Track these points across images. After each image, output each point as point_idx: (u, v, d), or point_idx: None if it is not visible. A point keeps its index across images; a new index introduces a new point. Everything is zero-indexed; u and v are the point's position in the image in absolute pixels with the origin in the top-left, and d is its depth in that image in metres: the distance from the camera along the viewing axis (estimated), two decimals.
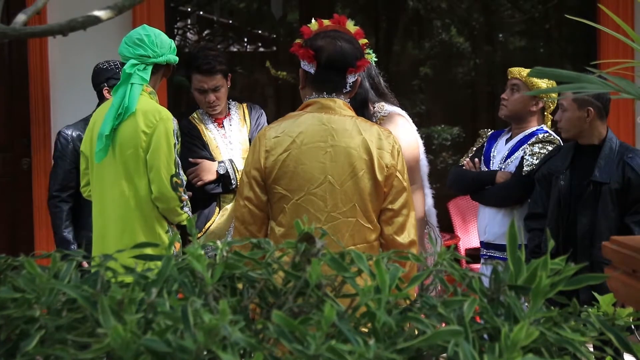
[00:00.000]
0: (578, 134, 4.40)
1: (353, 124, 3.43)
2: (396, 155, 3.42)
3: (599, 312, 1.82)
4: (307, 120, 3.46)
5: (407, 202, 3.44)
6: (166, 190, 4.04)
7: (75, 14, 2.07)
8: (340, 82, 3.48)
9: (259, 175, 3.46)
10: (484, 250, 4.88)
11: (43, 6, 2.03)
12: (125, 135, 4.06)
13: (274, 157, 3.43)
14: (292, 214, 3.40)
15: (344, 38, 3.52)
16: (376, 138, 3.41)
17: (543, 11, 9.86)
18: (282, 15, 9.76)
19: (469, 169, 4.92)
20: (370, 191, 3.39)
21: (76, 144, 4.91)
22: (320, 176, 3.39)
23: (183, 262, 1.67)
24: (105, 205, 4.13)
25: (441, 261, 1.72)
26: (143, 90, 4.12)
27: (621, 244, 2.31)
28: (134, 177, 4.07)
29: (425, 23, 10.24)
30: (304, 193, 3.40)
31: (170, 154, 4.05)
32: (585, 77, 2.18)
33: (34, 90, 6.34)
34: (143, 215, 4.07)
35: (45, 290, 1.57)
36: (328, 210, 3.38)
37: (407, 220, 3.44)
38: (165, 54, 4.16)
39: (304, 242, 1.68)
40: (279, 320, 1.42)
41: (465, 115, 9.82)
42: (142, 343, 1.38)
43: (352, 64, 3.47)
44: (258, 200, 3.48)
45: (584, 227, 4.25)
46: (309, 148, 3.41)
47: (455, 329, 1.46)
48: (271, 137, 3.47)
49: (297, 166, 3.40)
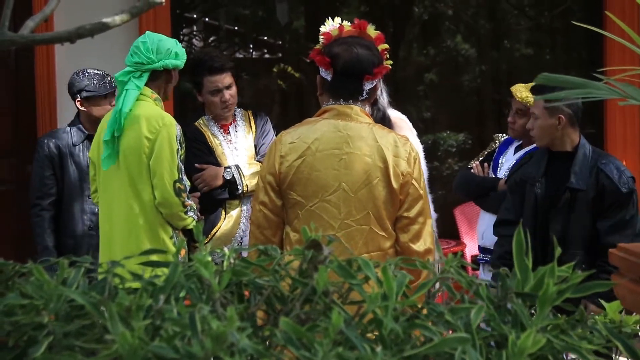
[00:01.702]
0: (551, 142, 4.35)
1: (369, 131, 3.41)
2: (412, 163, 3.40)
3: (606, 319, 1.82)
4: (323, 127, 3.45)
5: (424, 209, 3.42)
6: (169, 195, 4.05)
7: (82, 20, 2.08)
8: (356, 89, 3.47)
9: (274, 180, 3.46)
10: (481, 255, 4.89)
11: (51, 13, 2.03)
12: (129, 141, 4.08)
13: (288, 163, 3.43)
14: (305, 220, 3.39)
15: (361, 44, 3.51)
16: (392, 145, 3.39)
17: (549, 18, 9.86)
18: (287, 22, 9.77)
19: (478, 172, 4.93)
20: (384, 199, 3.37)
21: (52, 151, 4.93)
22: (335, 183, 3.38)
23: (190, 269, 1.67)
24: (112, 211, 4.15)
25: (448, 268, 1.72)
26: (147, 97, 4.14)
27: (628, 251, 2.31)
28: (138, 183, 4.08)
29: (431, 29, 10.23)
30: (318, 200, 3.39)
31: (173, 159, 4.06)
32: (592, 84, 2.18)
33: (40, 97, 6.34)
34: (147, 221, 4.09)
35: (53, 296, 1.57)
36: (342, 218, 3.37)
37: (423, 228, 3.41)
38: (162, 60, 4.15)
39: (311, 249, 1.69)
40: (287, 327, 1.43)
41: (471, 121, 9.81)
42: (149, 349, 1.38)
43: (368, 70, 3.45)
44: (273, 205, 3.48)
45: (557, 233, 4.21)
46: (323, 155, 3.40)
47: (463, 336, 1.46)
48: (287, 143, 3.47)
49: (312, 173, 3.40)
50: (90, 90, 4.92)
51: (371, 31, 3.58)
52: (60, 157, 4.95)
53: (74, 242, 4.91)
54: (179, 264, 1.63)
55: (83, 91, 4.92)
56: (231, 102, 4.94)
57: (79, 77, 4.97)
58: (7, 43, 1.86)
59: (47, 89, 6.33)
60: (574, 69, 8.92)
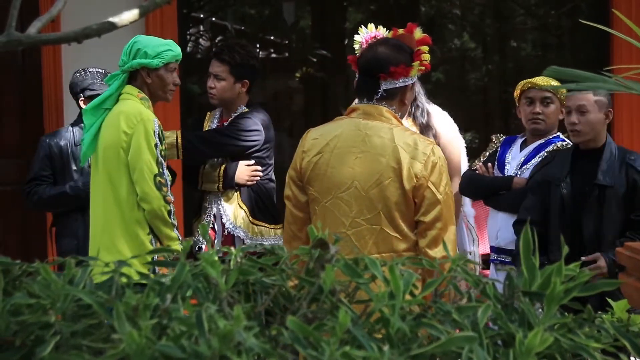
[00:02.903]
0: (595, 137, 4.35)
1: (388, 131, 3.40)
2: (430, 167, 3.36)
3: (613, 318, 1.81)
4: (345, 125, 3.48)
5: (442, 215, 3.37)
6: (149, 189, 4.05)
7: (89, 21, 2.08)
8: (371, 88, 3.46)
9: (296, 175, 3.52)
10: (494, 255, 4.85)
11: (58, 13, 2.04)
12: (107, 136, 4.14)
13: (308, 158, 3.47)
14: (321, 216, 3.44)
15: (388, 44, 3.52)
16: (411, 147, 3.37)
17: (556, 17, 9.85)
18: (294, 22, 9.77)
19: (482, 173, 4.91)
20: (397, 200, 3.36)
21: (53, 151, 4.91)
22: (348, 181, 3.39)
23: (197, 268, 1.67)
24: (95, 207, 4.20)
25: (455, 267, 1.72)
26: (134, 96, 4.18)
27: (635, 250, 2.30)
28: (115, 178, 4.12)
29: (438, 29, 10.23)
30: (332, 197, 3.42)
31: (152, 153, 4.08)
32: (600, 77, 2.18)
33: (47, 97, 6.35)
34: (122, 216, 4.11)
35: (60, 296, 1.57)
36: (352, 216, 3.38)
37: (442, 234, 3.37)
38: (130, 61, 4.19)
39: (318, 248, 1.69)
40: (293, 326, 1.43)
41: (478, 120, 9.80)
42: (157, 349, 1.38)
43: (383, 69, 3.43)
44: (296, 200, 3.54)
45: (590, 232, 4.22)
46: (340, 152, 3.42)
47: (470, 335, 1.46)
48: (311, 139, 3.52)
49: (328, 169, 3.43)
50: (94, 89, 4.91)
51: (417, 33, 3.57)
52: (62, 157, 4.94)
53: (77, 242, 4.89)
54: (186, 264, 1.63)
55: (87, 90, 4.92)
56: (212, 92, 4.93)
57: (82, 75, 4.97)
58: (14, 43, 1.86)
59: (53, 89, 6.34)
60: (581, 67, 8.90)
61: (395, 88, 3.48)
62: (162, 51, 4.24)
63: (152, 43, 4.25)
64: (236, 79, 4.90)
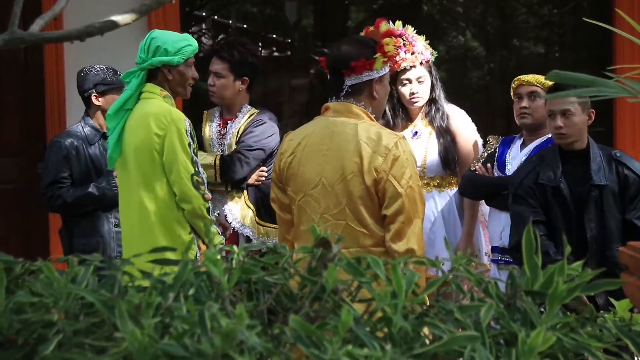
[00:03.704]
0: (580, 139, 4.35)
1: (353, 127, 3.44)
2: (391, 160, 3.38)
3: (616, 317, 1.81)
4: (316, 124, 3.55)
5: (405, 208, 3.38)
6: (188, 189, 4.03)
7: (92, 19, 2.08)
8: (338, 85, 3.51)
9: (277, 178, 3.59)
10: (498, 255, 4.84)
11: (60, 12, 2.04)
12: (138, 139, 4.06)
13: (284, 159, 3.54)
14: (297, 215, 3.52)
15: (351, 41, 3.60)
16: (374, 142, 3.40)
17: (558, 16, 9.84)
18: (296, 20, 9.77)
19: (482, 174, 4.90)
20: (361, 194, 3.39)
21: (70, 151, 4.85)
22: (316, 178, 3.45)
23: (199, 267, 1.67)
24: (128, 210, 4.15)
25: (457, 266, 1.72)
26: (157, 95, 4.12)
27: (637, 249, 2.30)
28: (151, 181, 4.06)
29: (440, 27, 10.23)
30: (303, 194, 3.48)
31: (187, 153, 4.04)
32: (602, 81, 2.18)
33: (49, 95, 6.35)
34: (161, 218, 4.07)
35: (62, 294, 1.57)
36: (321, 212, 3.44)
37: (405, 227, 3.38)
38: (150, 58, 4.11)
39: (320, 247, 1.69)
40: (296, 325, 1.43)
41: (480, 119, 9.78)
42: (159, 347, 1.38)
43: (345, 65, 3.46)
44: (280, 202, 3.61)
45: (592, 231, 4.22)
46: (310, 150, 3.48)
47: (472, 334, 1.46)
48: (287, 140, 3.59)
49: (299, 168, 3.49)
50: (108, 83, 4.90)
51: (382, 27, 3.60)
52: (78, 157, 4.90)
53: (101, 240, 4.86)
54: (189, 262, 1.63)
55: (100, 85, 4.89)
56: (213, 90, 4.96)
57: (92, 72, 4.95)
58: (17, 41, 1.87)
59: (56, 88, 6.34)
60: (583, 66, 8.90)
61: (360, 83, 3.50)
62: (182, 47, 4.18)
63: (170, 39, 4.18)
64: (236, 76, 4.91)
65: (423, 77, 4.86)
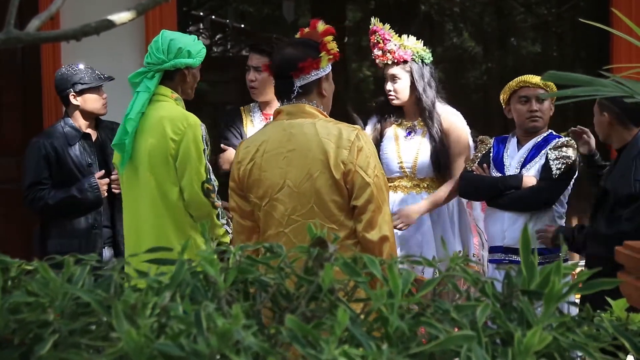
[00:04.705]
0: (606, 138, 4.46)
1: (311, 126, 3.47)
2: (355, 151, 3.42)
3: (612, 317, 1.81)
4: (271, 129, 3.57)
5: (374, 197, 3.43)
6: (197, 196, 4.01)
7: (89, 18, 2.07)
8: (287, 88, 3.54)
9: (236, 186, 3.59)
10: (502, 255, 4.83)
11: (57, 11, 2.03)
12: (153, 143, 4.03)
13: (243, 167, 3.54)
14: (263, 220, 3.53)
15: (294, 43, 3.62)
16: (335, 136, 3.43)
17: (556, 15, 9.84)
18: (293, 19, 9.77)
19: (480, 174, 4.89)
20: (328, 191, 3.42)
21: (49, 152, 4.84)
22: (280, 181, 3.46)
23: (196, 267, 1.67)
24: (138, 214, 4.11)
25: (454, 265, 1.72)
26: (168, 97, 4.10)
27: (634, 249, 2.30)
28: (165, 185, 4.03)
29: (438, 27, 10.23)
30: (268, 199, 3.49)
31: (200, 160, 4.02)
32: (598, 81, 2.18)
33: (47, 95, 6.35)
34: (175, 222, 4.04)
35: (59, 294, 1.57)
36: (288, 214, 3.45)
37: (377, 215, 3.43)
38: (172, 60, 4.09)
39: (316, 246, 1.69)
40: (292, 324, 1.42)
41: (478, 119, 9.79)
42: (155, 347, 1.38)
43: (293, 68, 3.51)
44: (241, 210, 3.61)
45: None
46: (270, 155, 3.49)
47: (468, 334, 1.46)
48: (243, 148, 3.60)
49: (261, 174, 3.50)
50: (86, 82, 4.88)
51: (320, 27, 3.62)
52: (58, 157, 4.88)
53: (78, 242, 4.85)
54: (185, 262, 1.63)
55: (77, 84, 4.87)
56: (254, 85, 4.97)
57: (70, 70, 4.93)
58: (13, 41, 1.86)
59: (53, 87, 6.33)
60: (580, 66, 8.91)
61: (310, 83, 3.55)
62: (200, 49, 4.22)
63: (189, 41, 4.19)
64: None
65: (399, 76, 4.88)
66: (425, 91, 4.88)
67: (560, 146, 4.73)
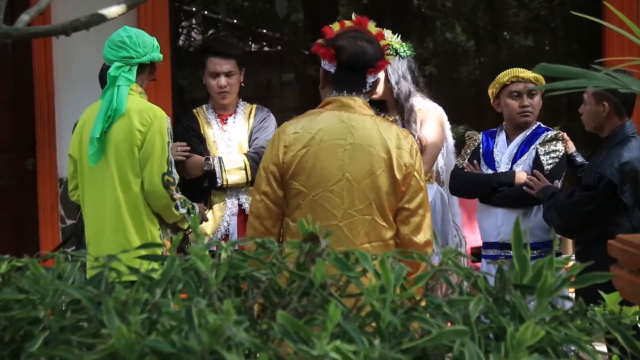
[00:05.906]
0: (597, 128, 4.49)
1: (373, 123, 3.46)
2: (414, 155, 3.46)
3: (605, 311, 1.81)
4: (327, 118, 3.49)
5: (424, 202, 3.48)
6: (157, 187, 4.05)
7: (80, 13, 2.06)
8: (360, 81, 3.52)
9: (277, 171, 3.49)
10: (496, 251, 4.82)
11: (46, 6, 2.02)
12: (119, 135, 4.07)
13: (292, 153, 3.46)
14: (308, 210, 3.42)
15: (364, 38, 3.56)
16: (395, 137, 3.45)
17: (548, 9, 9.84)
18: (286, 15, 9.75)
19: (471, 171, 4.87)
20: (387, 189, 3.42)
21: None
22: (339, 173, 3.42)
23: (187, 262, 1.66)
24: (102, 206, 4.13)
25: (446, 260, 1.71)
26: (133, 91, 4.13)
27: (627, 242, 2.30)
28: (129, 175, 4.07)
29: (430, 22, 10.22)
30: (321, 190, 3.43)
31: (164, 152, 4.07)
32: (590, 74, 2.18)
33: (38, 90, 6.33)
34: (135, 214, 4.09)
35: (49, 291, 1.57)
36: (345, 208, 3.41)
37: (423, 220, 3.47)
38: (148, 53, 4.17)
39: (308, 241, 1.68)
40: (284, 320, 1.42)
41: (471, 114, 9.79)
42: (146, 344, 1.37)
43: (372, 64, 3.51)
44: (275, 195, 3.51)
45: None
46: (328, 145, 3.44)
47: (461, 328, 1.46)
48: (290, 133, 3.50)
49: (316, 163, 3.44)
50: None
51: (372, 28, 3.62)
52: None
53: None
54: (176, 258, 1.62)
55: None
56: (227, 90, 4.90)
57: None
58: (2, 36, 1.85)
59: (44, 83, 6.32)
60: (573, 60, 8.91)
61: (375, 81, 3.58)
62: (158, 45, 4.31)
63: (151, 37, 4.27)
64: (240, 71, 4.92)
65: None
66: (399, 84, 4.80)
67: (549, 140, 4.74)
